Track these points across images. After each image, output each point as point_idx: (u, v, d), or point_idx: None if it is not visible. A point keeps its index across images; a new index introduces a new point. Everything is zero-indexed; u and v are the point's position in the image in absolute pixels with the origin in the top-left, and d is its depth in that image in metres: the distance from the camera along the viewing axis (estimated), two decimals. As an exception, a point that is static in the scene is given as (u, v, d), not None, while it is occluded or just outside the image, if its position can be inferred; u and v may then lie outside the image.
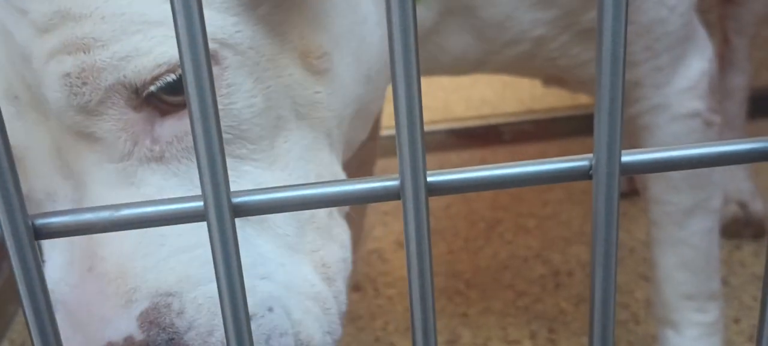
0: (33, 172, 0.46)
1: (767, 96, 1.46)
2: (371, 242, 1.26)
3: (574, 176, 0.31)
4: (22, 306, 0.32)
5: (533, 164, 0.32)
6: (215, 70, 0.44)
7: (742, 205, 1.19)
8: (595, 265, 0.32)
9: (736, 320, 1.03)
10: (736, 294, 1.08)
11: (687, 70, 0.72)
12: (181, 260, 0.44)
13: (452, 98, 1.79)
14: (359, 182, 0.31)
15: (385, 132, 1.05)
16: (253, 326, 0.43)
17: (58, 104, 0.43)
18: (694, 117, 0.74)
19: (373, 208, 1.25)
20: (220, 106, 0.44)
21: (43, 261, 0.46)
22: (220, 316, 0.43)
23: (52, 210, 0.45)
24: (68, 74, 0.42)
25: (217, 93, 0.44)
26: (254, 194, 0.30)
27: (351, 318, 1.10)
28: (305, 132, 0.49)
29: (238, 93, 0.45)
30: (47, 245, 0.46)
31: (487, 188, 0.31)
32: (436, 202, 1.30)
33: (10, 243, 0.30)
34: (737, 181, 1.21)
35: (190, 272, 0.44)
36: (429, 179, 0.30)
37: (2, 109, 0.44)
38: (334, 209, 0.51)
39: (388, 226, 1.31)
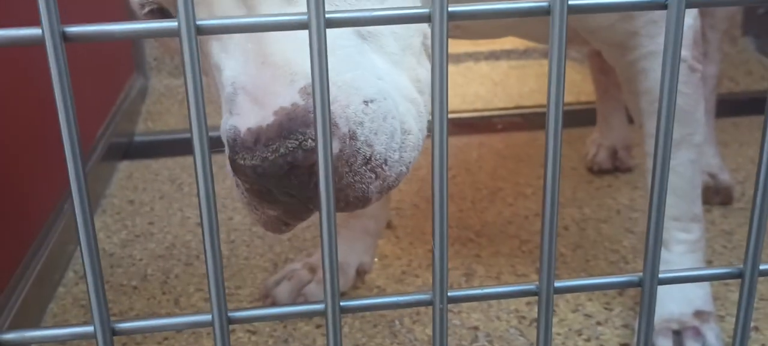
0: (217, 5, 0.62)
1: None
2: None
3: (653, 6, 0.48)
4: (186, 86, 0.46)
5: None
6: None
7: (713, 176, 1.39)
8: (664, 80, 0.49)
9: (709, 262, 1.21)
10: (709, 245, 1.26)
11: None
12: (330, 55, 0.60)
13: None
14: (396, 10, 0.47)
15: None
16: (371, 109, 0.61)
17: None
18: (681, 62, 0.92)
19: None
20: None
21: (219, 65, 0.63)
22: (354, 94, 0.60)
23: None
24: None
25: None
26: (344, 13, 0.47)
27: (378, 256, 1.26)
28: None
29: None
30: (221, 52, 0.62)
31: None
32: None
33: (184, 38, 0.44)
34: (707, 156, 1.40)
35: (335, 65, 0.58)
36: (450, 8, 0.46)
37: None
38: (423, 44, 0.67)
39: (402, 190, 1.48)
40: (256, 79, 0.60)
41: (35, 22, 0.43)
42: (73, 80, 0.45)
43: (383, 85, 0.63)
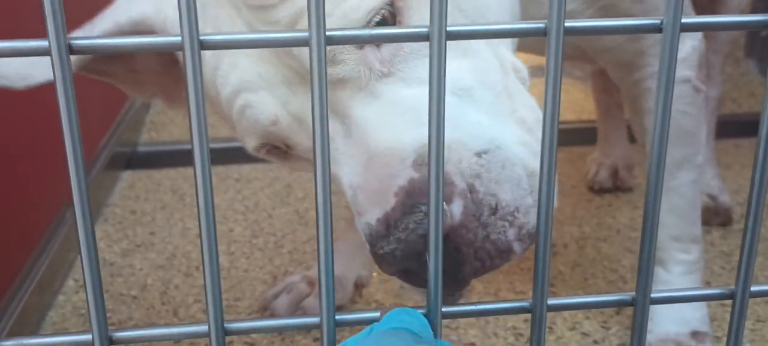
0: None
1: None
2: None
3: (648, 29, 0.48)
4: (187, 99, 0.47)
5: (609, 20, 0.49)
6: None
7: (713, 197, 1.39)
8: (659, 101, 0.50)
9: (707, 283, 1.21)
10: (707, 266, 1.26)
11: (682, 45, 0.91)
12: (421, 130, 0.59)
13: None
14: (394, 29, 0.48)
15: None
16: (485, 160, 0.61)
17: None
18: (686, 82, 0.92)
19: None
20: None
21: (336, 177, 0.65)
22: (464, 149, 0.61)
23: (333, 149, 0.65)
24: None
25: None
26: (343, 31, 0.47)
27: (376, 270, 1.26)
28: None
29: None
30: (334, 166, 0.64)
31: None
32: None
33: (187, 51, 0.46)
34: (708, 178, 1.41)
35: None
36: (449, 28, 0.47)
37: (279, 93, 0.65)
38: (518, 82, 0.69)
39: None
40: (368, 174, 0.62)
41: (41, 27, 0.44)
42: (78, 89, 0.46)
43: (491, 135, 0.63)
